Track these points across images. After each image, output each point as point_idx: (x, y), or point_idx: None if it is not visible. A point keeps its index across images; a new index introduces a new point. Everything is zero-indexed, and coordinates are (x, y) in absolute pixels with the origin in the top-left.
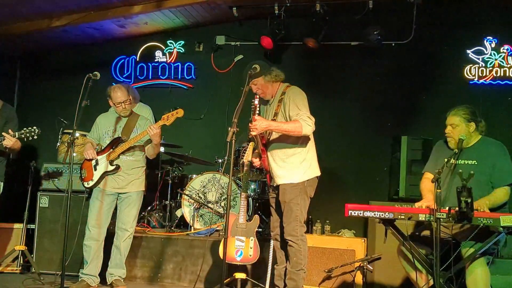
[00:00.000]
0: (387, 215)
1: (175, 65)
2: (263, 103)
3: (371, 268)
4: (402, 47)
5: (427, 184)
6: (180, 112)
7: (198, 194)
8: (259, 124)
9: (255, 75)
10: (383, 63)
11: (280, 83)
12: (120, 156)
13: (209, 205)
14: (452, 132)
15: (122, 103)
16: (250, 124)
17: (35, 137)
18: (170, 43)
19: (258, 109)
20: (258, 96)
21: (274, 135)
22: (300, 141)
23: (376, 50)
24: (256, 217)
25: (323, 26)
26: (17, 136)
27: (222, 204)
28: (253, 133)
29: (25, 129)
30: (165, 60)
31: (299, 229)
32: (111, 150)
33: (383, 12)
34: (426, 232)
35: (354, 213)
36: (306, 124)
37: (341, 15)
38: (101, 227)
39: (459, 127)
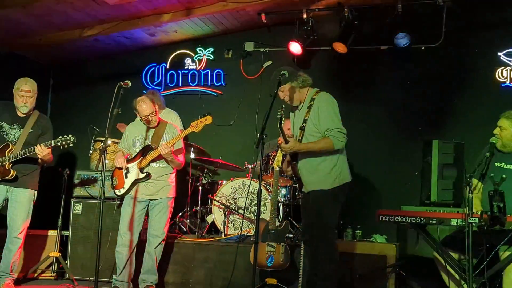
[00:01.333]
0: (418, 220)
1: (204, 72)
2: (292, 109)
3: (404, 273)
4: (432, 51)
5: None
6: (208, 119)
7: (228, 200)
8: (289, 148)
9: (284, 82)
10: (413, 67)
11: (308, 88)
12: (150, 164)
13: (240, 211)
14: (499, 134)
15: (149, 116)
16: (280, 144)
17: (71, 145)
18: (200, 50)
19: (283, 119)
20: (283, 107)
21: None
22: None
23: (405, 54)
24: (287, 222)
25: (352, 30)
26: (53, 144)
27: (253, 209)
28: (283, 153)
29: (60, 137)
30: (194, 67)
31: (330, 235)
32: (142, 158)
33: (412, 16)
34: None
35: (385, 218)
36: (337, 140)
37: (370, 19)
38: (133, 234)
39: (506, 131)
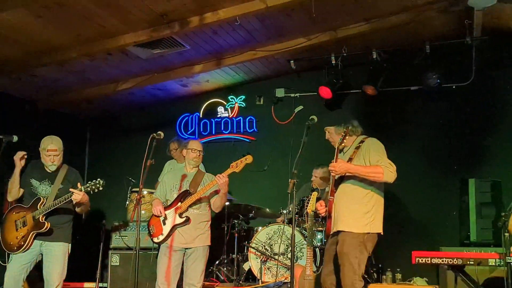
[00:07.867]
0: (455, 261)
1: (237, 119)
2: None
3: None
4: (463, 89)
5: None
6: (249, 158)
7: (264, 246)
8: (339, 166)
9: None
10: (444, 106)
11: (356, 137)
12: (188, 209)
13: (276, 257)
14: None
15: (199, 152)
16: (330, 165)
17: (101, 188)
18: (231, 98)
19: (341, 150)
20: (345, 139)
21: (346, 180)
22: (369, 189)
23: (436, 94)
24: None
25: (381, 73)
26: (83, 190)
27: (289, 255)
28: (333, 174)
29: (89, 182)
30: (227, 115)
31: (357, 284)
32: (180, 203)
33: (441, 55)
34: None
35: (422, 260)
36: (388, 171)
37: (399, 61)
38: (170, 284)
39: None
